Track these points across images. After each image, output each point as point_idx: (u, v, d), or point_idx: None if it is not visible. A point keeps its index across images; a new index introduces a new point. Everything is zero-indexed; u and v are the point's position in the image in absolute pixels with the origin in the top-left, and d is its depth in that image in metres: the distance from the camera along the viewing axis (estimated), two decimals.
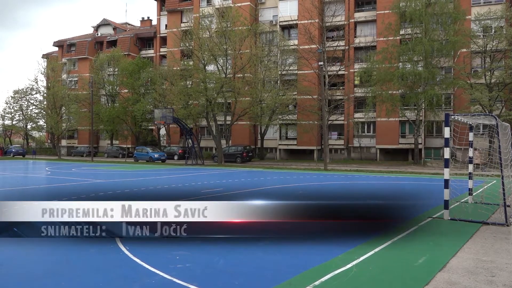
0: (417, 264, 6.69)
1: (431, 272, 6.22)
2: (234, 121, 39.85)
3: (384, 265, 6.68)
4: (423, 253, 7.31)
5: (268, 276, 6.12)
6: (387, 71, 34.85)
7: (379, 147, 40.79)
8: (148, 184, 19.41)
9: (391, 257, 7.10)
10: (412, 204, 13.48)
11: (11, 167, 33.11)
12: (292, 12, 43.69)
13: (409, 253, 7.33)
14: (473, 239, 8.31)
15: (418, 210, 11.63)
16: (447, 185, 9.99)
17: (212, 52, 37.67)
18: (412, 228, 9.28)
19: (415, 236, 8.69)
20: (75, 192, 15.94)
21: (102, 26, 61.22)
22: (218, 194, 15.32)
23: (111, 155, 49.49)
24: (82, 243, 6.18)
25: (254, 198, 13.92)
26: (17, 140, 78.93)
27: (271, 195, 15.39)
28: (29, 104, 59.42)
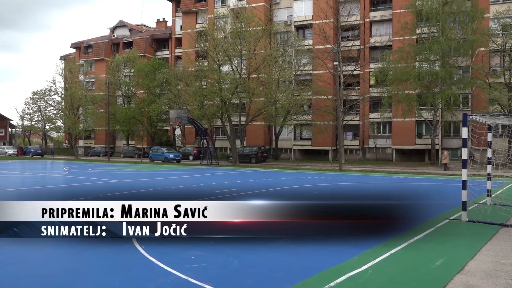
0: (434, 266, 6.59)
1: (448, 274, 6.11)
2: (249, 121, 39.88)
3: (400, 267, 6.59)
4: (440, 255, 7.20)
5: (282, 277, 6.10)
6: (403, 71, 34.43)
7: (395, 148, 40.34)
8: (163, 184, 19.56)
9: (407, 259, 7.01)
10: (428, 204, 13.30)
11: (30, 167, 33.75)
12: (306, 12, 43.53)
13: (426, 255, 7.22)
14: (492, 242, 8.14)
15: (434, 211, 11.47)
16: (465, 186, 9.82)
17: (227, 53, 37.77)
18: (429, 229, 9.15)
19: (432, 237, 8.56)
20: (91, 191, 16.16)
21: (118, 28, 61.95)
22: (232, 194, 15.34)
23: (127, 155, 50.06)
24: (98, 243, 6.24)
25: (268, 199, 13.90)
26: (35, 140, 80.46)
27: (286, 196, 15.35)
28: (47, 105, 60.48)
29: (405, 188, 19.15)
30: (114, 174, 26.40)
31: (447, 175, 25.32)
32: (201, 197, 14.16)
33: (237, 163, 37.15)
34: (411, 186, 20.04)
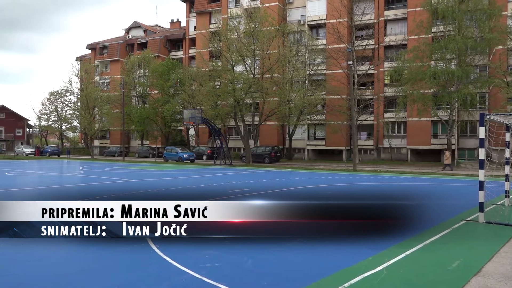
0: (451, 268, 6.51)
1: (465, 276, 6.03)
2: (262, 121, 39.88)
3: (415, 268, 6.52)
4: (457, 256, 7.11)
5: (296, 277, 6.10)
6: (419, 70, 34.02)
7: (410, 148, 39.91)
8: (177, 184, 19.69)
9: (423, 260, 6.93)
10: (444, 205, 13.14)
11: (47, 166, 34.32)
12: (320, 11, 43.34)
13: (442, 257, 7.13)
14: (510, 243, 8.00)
15: (451, 212, 11.32)
16: (482, 187, 9.68)
17: (240, 53, 37.83)
18: (445, 230, 9.04)
19: (449, 239, 8.45)
20: (106, 191, 16.35)
21: (133, 29, 62.55)
22: (245, 194, 15.37)
23: (142, 155, 50.52)
24: (113, 242, 6.31)
25: (281, 199, 13.89)
26: (52, 140, 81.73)
27: (299, 196, 15.32)
28: (63, 105, 61.46)
29: (420, 189, 18.93)
30: (129, 174, 26.67)
31: (463, 176, 24.94)
32: (215, 197, 14.24)
33: (250, 163, 37.18)
34: (426, 186, 19.81)
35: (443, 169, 29.09)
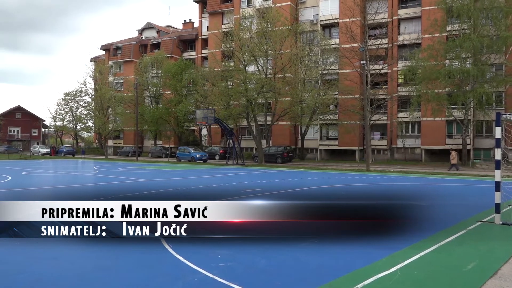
0: (466, 269, 6.42)
1: (481, 278, 5.94)
2: (275, 121, 39.86)
3: (430, 270, 6.45)
4: (472, 258, 7.01)
5: (309, 277, 6.08)
6: (433, 69, 33.62)
7: (424, 148, 39.47)
8: (190, 184, 19.79)
9: (437, 262, 6.85)
10: (459, 206, 12.96)
11: (62, 166, 34.80)
12: (333, 10, 43.13)
13: (457, 258, 7.04)
14: None
15: (466, 213, 11.17)
16: (498, 187, 9.52)
17: (253, 53, 37.86)
18: (460, 232, 8.92)
19: (464, 240, 8.33)
20: (120, 190, 16.50)
21: (146, 30, 63.05)
22: (257, 194, 15.37)
23: (155, 155, 50.90)
24: (127, 241, 6.36)
25: (294, 199, 13.86)
26: (67, 140, 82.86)
27: (312, 196, 15.26)
28: (78, 105, 62.17)
29: (434, 189, 18.71)
30: (143, 174, 26.89)
31: (479, 176, 24.58)
32: (227, 197, 14.27)
33: (262, 163, 37.19)
34: (441, 187, 19.57)
35: (449, 169, 28.75)
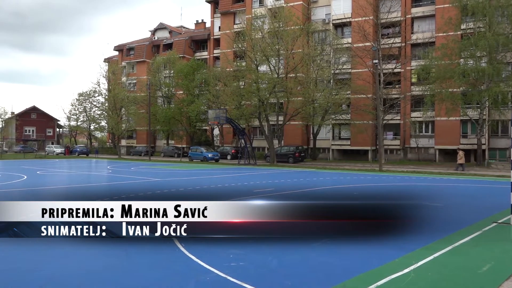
0: (481, 271, 6.32)
1: (496, 281, 5.85)
2: (287, 121, 39.78)
3: (444, 271, 6.36)
4: (488, 260, 6.90)
5: (322, 278, 6.05)
6: (447, 68, 33.20)
7: (438, 148, 39.01)
8: (202, 183, 19.86)
9: (452, 263, 6.76)
10: (474, 206, 12.78)
11: (76, 166, 35.23)
12: (345, 10, 42.87)
13: (472, 260, 6.94)
14: None
15: (481, 214, 11.00)
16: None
17: (265, 53, 37.84)
18: (475, 233, 8.78)
19: (479, 242, 8.21)
20: (133, 190, 16.63)
21: (158, 30, 63.47)
22: (269, 194, 15.35)
23: (167, 154, 51.19)
24: (138, 240, 6.40)
25: (307, 199, 13.81)
26: (81, 140, 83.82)
27: (324, 196, 15.20)
28: (92, 106, 62.76)
29: (449, 190, 18.48)
30: (155, 173, 27.07)
31: (494, 177, 24.20)
32: (239, 197, 14.28)
33: (274, 163, 37.15)
34: (455, 187, 19.32)
35: (456, 169, 28.37)
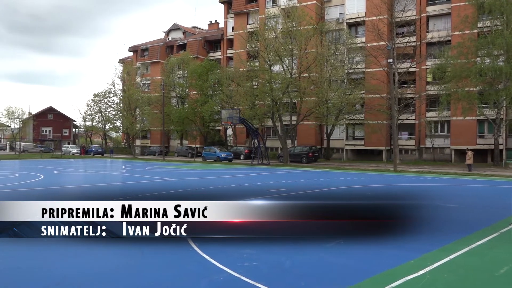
0: (498, 274, 6.21)
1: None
2: (300, 121, 39.66)
3: (460, 273, 6.27)
4: (505, 262, 6.77)
5: (335, 278, 6.02)
6: (463, 67, 32.70)
7: (454, 148, 38.46)
8: (215, 183, 19.93)
9: (468, 265, 6.66)
10: (491, 207, 12.56)
11: (92, 165, 35.67)
12: (359, 9, 42.57)
13: (489, 262, 6.83)
14: None
15: (498, 215, 10.81)
16: None
17: (278, 53, 37.79)
18: (492, 234, 8.63)
19: (496, 243, 8.07)
20: (148, 189, 16.76)
21: (172, 31, 63.87)
22: (283, 194, 15.32)
23: (181, 154, 51.50)
24: (153, 240, 6.44)
25: (321, 199, 13.75)
26: (96, 140, 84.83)
27: (338, 196, 15.11)
28: (107, 106, 63.41)
29: (465, 190, 18.20)
30: (169, 173, 27.25)
31: (511, 178, 23.77)
32: (252, 196, 14.28)
33: (288, 163, 37.07)
34: (471, 188, 19.02)
35: (468, 170, 27.95)
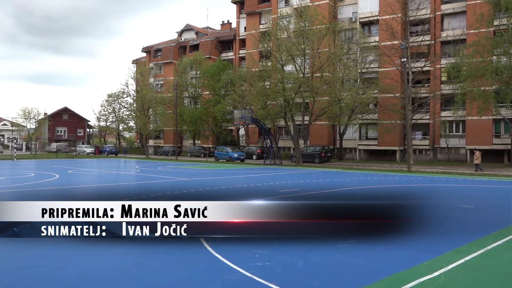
0: None
1: None
2: (312, 121, 39.53)
3: (476, 275, 6.19)
4: None
5: (348, 279, 5.99)
6: (479, 66, 32.19)
7: (470, 148, 37.92)
8: (228, 183, 19.98)
9: (484, 267, 6.56)
10: (508, 208, 12.35)
11: (106, 165, 36.07)
12: (372, 7, 42.26)
13: (505, 264, 6.72)
14: None
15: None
16: None
17: (290, 52, 37.71)
18: (508, 236, 8.49)
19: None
20: (161, 189, 16.88)
21: (185, 31, 64.22)
22: (295, 194, 15.30)
23: (194, 154, 51.76)
24: (166, 240, 6.48)
25: (334, 199, 13.69)
26: (110, 140, 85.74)
27: (351, 196, 15.02)
28: (121, 106, 63.96)
29: (480, 191, 17.94)
30: (182, 173, 27.41)
31: None
32: (264, 196, 14.29)
33: (300, 163, 36.97)
34: (487, 189, 18.74)
35: (475, 170, 27.53)
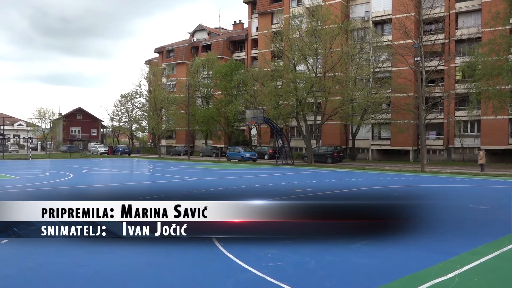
0: None
1: None
2: (325, 121, 39.37)
3: (491, 277, 6.10)
4: None
5: (361, 280, 5.96)
6: (495, 65, 31.69)
7: (485, 148, 37.35)
8: (239, 183, 20.02)
9: (499, 269, 6.47)
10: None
11: (119, 165, 36.43)
12: (385, 6, 41.92)
13: None
14: None
15: None
16: None
17: (302, 52, 37.61)
18: None
19: None
20: (174, 189, 16.99)
21: (197, 32, 64.48)
22: (308, 194, 15.25)
23: (206, 154, 51.98)
24: (179, 239, 6.52)
25: (346, 200, 13.62)
26: (123, 140, 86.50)
27: (364, 196, 14.93)
28: (133, 107, 64.53)
29: (495, 192, 17.66)
30: (194, 173, 27.54)
31: None
32: (276, 196, 14.28)
33: (312, 163, 36.86)
34: (502, 190, 18.44)
35: (481, 170, 27.12)
